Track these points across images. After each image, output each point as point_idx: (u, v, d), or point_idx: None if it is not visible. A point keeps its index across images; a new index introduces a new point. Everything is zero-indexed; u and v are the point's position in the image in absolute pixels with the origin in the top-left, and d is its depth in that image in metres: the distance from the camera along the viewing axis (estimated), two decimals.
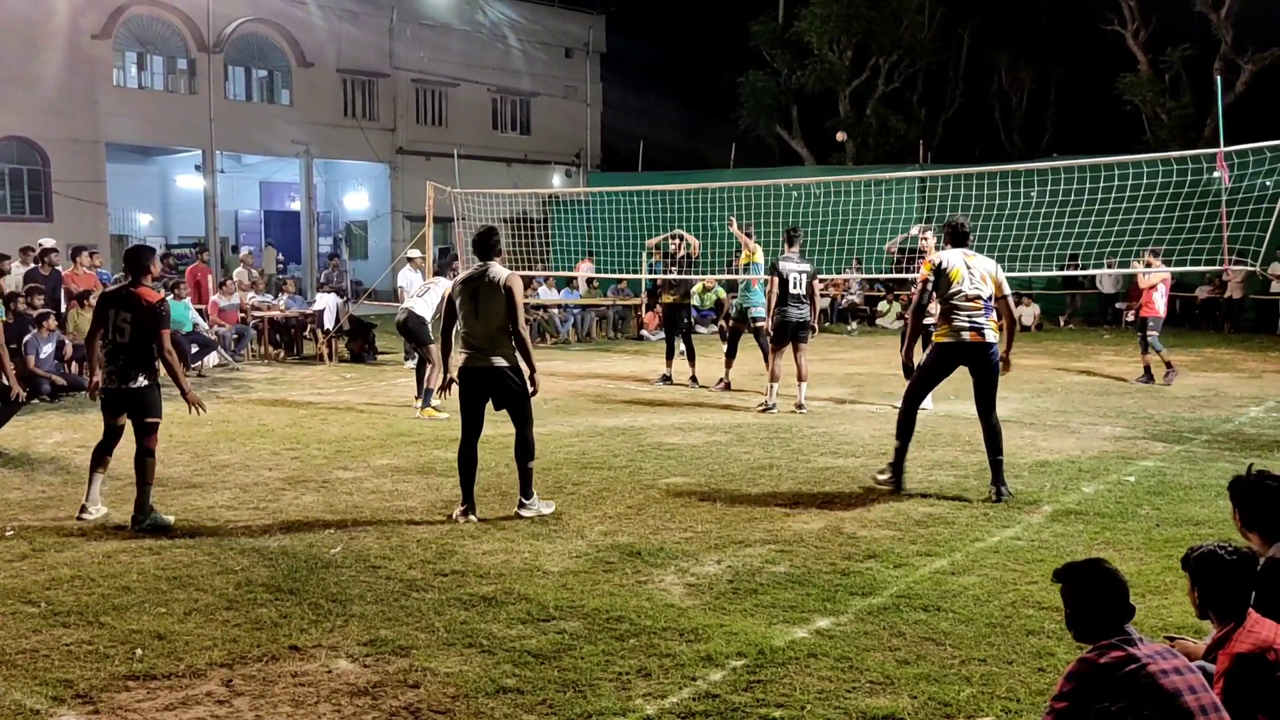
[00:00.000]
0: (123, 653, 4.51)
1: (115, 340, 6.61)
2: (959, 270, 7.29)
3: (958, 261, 7.34)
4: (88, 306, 13.05)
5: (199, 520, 6.67)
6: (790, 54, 35.02)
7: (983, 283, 7.33)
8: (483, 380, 6.75)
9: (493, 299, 6.66)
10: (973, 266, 7.35)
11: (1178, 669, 2.92)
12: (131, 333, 6.57)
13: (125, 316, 6.59)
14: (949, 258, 7.36)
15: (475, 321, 6.72)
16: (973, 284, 7.28)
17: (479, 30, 34.74)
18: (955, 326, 7.25)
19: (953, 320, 7.26)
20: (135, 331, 6.57)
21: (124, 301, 6.61)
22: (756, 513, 6.83)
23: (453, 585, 5.39)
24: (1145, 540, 6.14)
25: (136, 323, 6.57)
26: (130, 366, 6.57)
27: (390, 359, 16.51)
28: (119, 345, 6.60)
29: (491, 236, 6.95)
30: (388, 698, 4.10)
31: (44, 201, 26.97)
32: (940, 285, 7.29)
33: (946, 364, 7.43)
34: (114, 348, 6.62)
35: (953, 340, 7.26)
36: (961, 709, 3.96)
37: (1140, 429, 9.86)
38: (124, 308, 6.59)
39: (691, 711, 3.95)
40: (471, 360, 6.74)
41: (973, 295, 7.25)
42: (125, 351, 6.59)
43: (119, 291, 6.77)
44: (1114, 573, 3.12)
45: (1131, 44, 29.94)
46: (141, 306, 6.58)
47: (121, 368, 6.57)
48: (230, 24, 29.39)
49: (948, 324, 7.29)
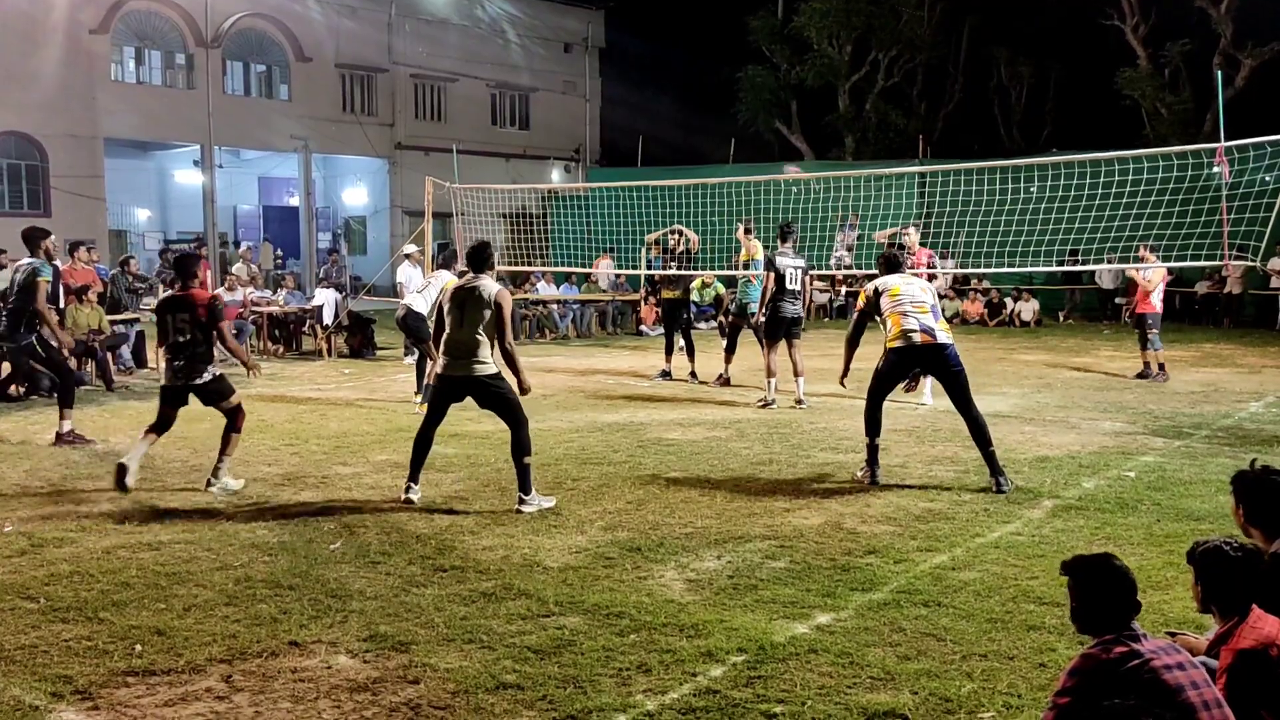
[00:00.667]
0: (122, 648, 4.50)
1: (176, 340, 7.25)
2: (897, 285, 7.62)
3: (895, 280, 7.69)
4: (86, 301, 13.04)
5: (198, 516, 6.66)
6: (789, 49, 34.97)
7: (923, 292, 7.63)
8: (461, 387, 6.92)
9: (478, 311, 6.84)
10: (910, 283, 7.72)
11: (1181, 664, 2.91)
12: (191, 331, 7.19)
13: (183, 317, 7.21)
14: (885, 280, 7.72)
15: (459, 330, 6.88)
16: (913, 292, 7.59)
17: (478, 25, 34.68)
18: (905, 330, 7.44)
19: (901, 325, 7.47)
20: (195, 329, 7.19)
21: (179, 304, 7.26)
22: (756, 508, 6.82)
23: (452, 581, 5.38)
24: (1146, 535, 6.13)
25: (195, 320, 7.19)
26: (193, 362, 7.22)
27: (390, 354, 16.50)
28: (180, 344, 7.23)
29: (485, 250, 7.18)
30: (387, 693, 4.09)
31: (42, 197, 26.93)
32: (881, 304, 7.62)
33: (901, 367, 7.75)
34: (176, 346, 7.27)
35: (904, 344, 7.45)
36: (962, 704, 3.96)
37: (1140, 424, 9.85)
38: (180, 309, 7.23)
39: (692, 707, 3.94)
40: (450, 368, 6.90)
41: (918, 301, 7.53)
42: (186, 349, 7.22)
43: (173, 296, 7.44)
44: (1124, 569, 3.10)
45: (1131, 38, 29.89)
46: (196, 305, 7.22)
47: (185, 365, 7.23)
48: (228, 19, 29.34)
49: (896, 330, 7.50)
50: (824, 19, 33.11)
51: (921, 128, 33.12)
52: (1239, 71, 27.79)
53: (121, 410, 10.99)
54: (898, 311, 7.49)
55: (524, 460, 6.83)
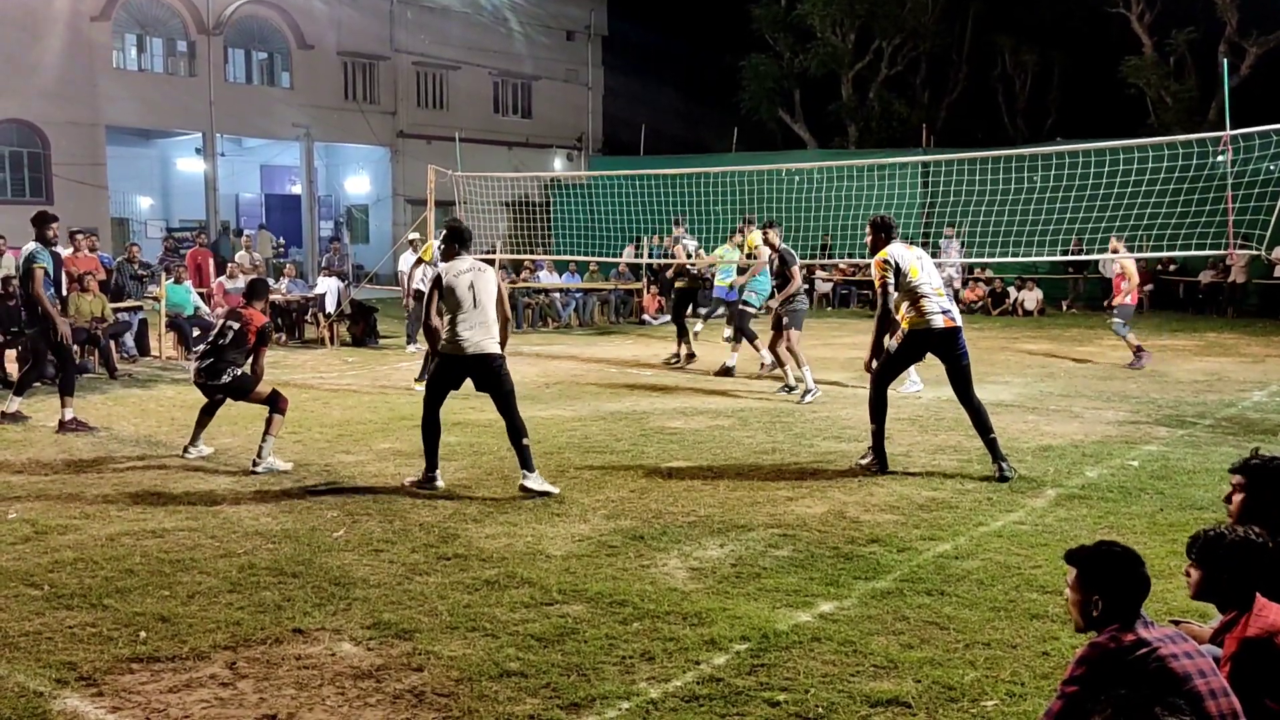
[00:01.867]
0: (126, 635, 4.51)
1: (216, 341, 7.77)
2: (914, 265, 7.38)
3: (908, 257, 7.41)
4: (89, 289, 13.03)
5: (201, 503, 6.67)
6: (792, 37, 34.85)
7: (934, 270, 7.50)
8: (469, 365, 6.99)
9: (489, 287, 7.05)
10: (922, 259, 7.50)
11: (1188, 653, 2.91)
12: (232, 339, 7.71)
13: (232, 325, 7.78)
14: (897, 254, 7.40)
15: (474, 310, 6.95)
16: (929, 271, 7.42)
17: (480, 13, 34.56)
18: (928, 313, 7.29)
19: (924, 307, 7.30)
20: (236, 339, 7.71)
21: (236, 315, 7.84)
22: (759, 497, 6.82)
23: (456, 569, 5.38)
24: (1149, 524, 6.13)
25: (241, 333, 7.72)
26: (217, 365, 7.68)
27: (392, 343, 16.49)
28: (216, 346, 7.71)
29: (467, 230, 7.51)
30: (391, 681, 4.10)
31: (44, 184, 26.91)
32: (900, 281, 7.33)
33: (918, 350, 7.55)
34: (211, 346, 7.78)
35: (926, 328, 7.31)
36: (965, 693, 3.96)
37: (1143, 413, 9.84)
38: (234, 319, 7.81)
39: (695, 695, 3.95)
40: (463, 347, 6.93)
41: (935, 283, 7.42)
42: (218, 353, 7.70)
43: (237, 307, 8.05)
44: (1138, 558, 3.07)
45: (1136, 27, 29.75)
46: (249, 322, 7.76)
47: (210, 366, 7.70)
48: (230, 6, 29.25)
49: (918, 312, 7.32)
50: (827, 7, 32.97)
51: (925, 117, 33.01)
52: (1244, 60, 27.66)
53: (125, 398, 10.99)
54: (920, 293, 7.30)
55: (523, 442, 6.93)
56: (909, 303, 7.36)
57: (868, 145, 32.72)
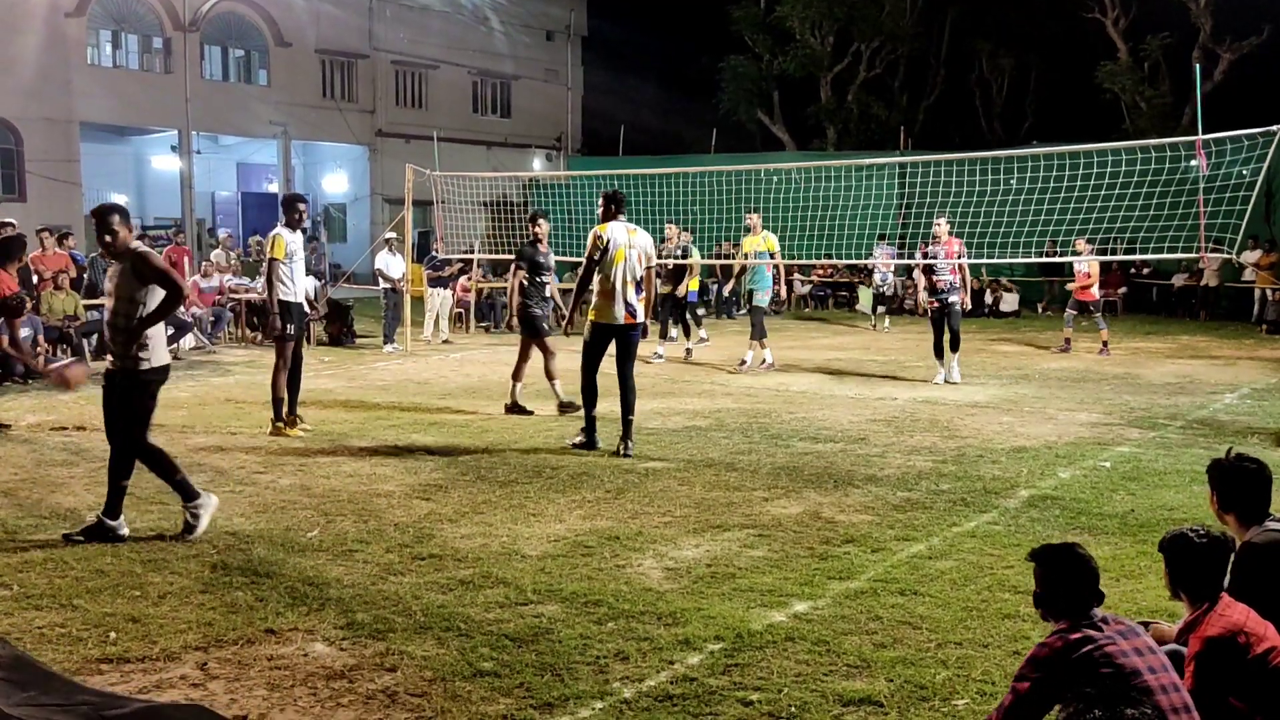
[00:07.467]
0: (96, 636, 4.47)
1: None
2: (622, 251, 8.03)
3: (621, 240, 8.07)
4: (62, 287, 12.91)
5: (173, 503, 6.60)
6: (771, 39, 34.91)
7: (639, 263, 8.13)
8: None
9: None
10: (634, 245, 8.13)
11: (1138, 649, 2.96)
12: None
13: None
14: (614, 234, 8.05)
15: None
16: (631, 266, 8.07)
17: (459, 12, 34.46)
18: (612, 310, 8.08)
19: (610, 301, 8.06)
20: None
21: None
22: (735, 497, 6.84)
23: (430, 569, 5.37)
24: (1120, 525, 6.18)
25: None
26: None
27: (369, 342, 16.42)
28: None
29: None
30: (364, 681, 4.08)
31: (17, 181, 26.64)
32: (604, 263, 8.04)
33: (606, 340, 8.26)
34: None
35: (607, 322, 8.14)
36: (937, 692, 3.98)
37: (1116, 415, 9.93)
38: None
39: (669, 694, 3.95)
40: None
41: (633, 280, 8.08)
42: None
43: None
44: (1087, 557, 3.15)
45: (1112, 32, 30.00)
46: None
47: None
48: (207, 2, 29.04)
49: (606, 305, 8.08)
50: (806, 9, 33.06)
51: (903, 119, 33.14)
52: (1217, 65, 27.93)
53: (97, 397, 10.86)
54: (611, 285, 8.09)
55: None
56: (601, 293, 8.11)
57: (846, 147, 32.81)
